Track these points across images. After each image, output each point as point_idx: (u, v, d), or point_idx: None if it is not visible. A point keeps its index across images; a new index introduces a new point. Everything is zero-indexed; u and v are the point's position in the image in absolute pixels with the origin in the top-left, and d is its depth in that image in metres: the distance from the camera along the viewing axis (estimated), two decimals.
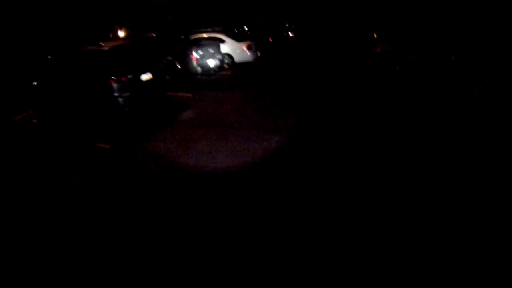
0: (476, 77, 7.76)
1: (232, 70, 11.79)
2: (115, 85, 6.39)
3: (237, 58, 12.07)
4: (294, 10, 36.45)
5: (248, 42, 12.15)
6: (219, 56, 11.00)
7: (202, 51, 9.65)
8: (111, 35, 19.51)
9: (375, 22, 28.96)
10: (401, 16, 24.17)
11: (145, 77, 7.07)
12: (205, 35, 12.37)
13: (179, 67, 8.96)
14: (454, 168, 4.22)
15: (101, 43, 7.66)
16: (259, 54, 13.08)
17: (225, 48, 11.92)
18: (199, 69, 9.64)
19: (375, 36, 34.38)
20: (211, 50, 10.27)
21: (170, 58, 8.91)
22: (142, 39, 8.79)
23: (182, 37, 12.02)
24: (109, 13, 17.73)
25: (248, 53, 12.00)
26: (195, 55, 9.18)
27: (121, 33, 20.45)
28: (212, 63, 10.07)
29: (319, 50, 20.65)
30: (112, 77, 6.36)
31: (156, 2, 19.30)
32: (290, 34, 27.75)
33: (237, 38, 12.42)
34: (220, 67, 11.22)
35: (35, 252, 3.24)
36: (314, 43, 24.51)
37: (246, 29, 22.43)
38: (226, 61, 11.99)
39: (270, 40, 19.87)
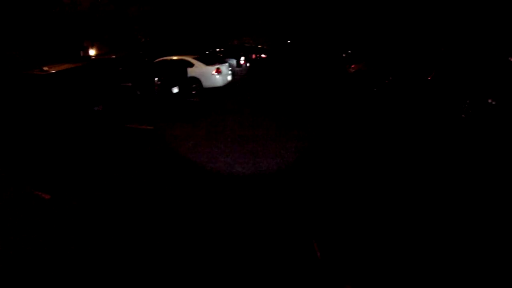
0: (461, 99, 7.35)
1: (200, 96, 10.88)
2: (55, 120, 5.35)
3: (205, 82, 11.24)
4: (268, 31, 36.61)
5: (218, 65, 11.40)
6: (185, 81, 10.14)
7: (165, 76, 8.75)
8: (82, 53, 18.21)
9: (349, 43, 29.46)
10: (376, 37, 24.64)
11: (96, 108, 6.08)
12: (174, 58, 11.52)
13: (139, 94, 8.00)
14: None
15: (44, 68, 6.62)
16: (229, 78, 12.38)
17: (193, 72, 11.10)
18: (163, 96, 8.70)
19: (344, 55, 35.07)
20: (176, 75, 9.39)
21: (129, 84, 7.96)
22: (95, 62, 7.80)
23: (146, 59, 11.10)
24: (79, 29, 16.40)
25: (218, 77, 11.23)
26: (157, 80, 8.23)
27: (92, 51, 19.19)
28: (175, 89, 9.16)
29: (293, 72, 20.41)
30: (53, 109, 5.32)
31: (131, 16, 18.20)
32: (262, 55, 27.62)
33: (207, 61, 11.66)
34: (186, 93, 10.34)
35: None
36: (287, 64, 24.33)
37: (218, 50, 21.87)
38: (194, 85, 11.16)
39: (244, 62, 19.44)
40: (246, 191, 4.17)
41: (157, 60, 11.58)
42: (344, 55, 36.90)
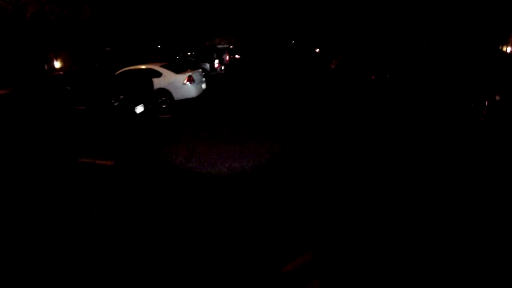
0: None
1: (171, 112, 9.36)
2: None
3: (176, 94, 9.84)
4: (239, 30, 35.26)
5: (190, 73, 10.03)
6: (151, 96, 8.72)
7: (126, 92, 7.31)
8: (46, 66, 16.24)
9: (322, 38, 28.67)
10: (354, 31, 23.91)
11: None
12: (139, 67, 10.05)
13: (96, 119, 6.56)
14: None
15: None
16: (204, 86, 11.04)
17: (161, 82, 9.69)
18: (125, 118, 7.25)
19: (317, 51, 34.31)
20: (139, 90, 7.96)
21: (81, 107, 6.52)
22: (32, 83, 6.28)
23: (103, 72, 9.57)
24: (40, 39, 14.50)
25: (190, 87, 9.86)
26: (114, 101, 6.77)
27: (57, 63, 17.22)
28: (140, 108, 7.73)
29: (270, 72, 19.28)
30: None
31: (85, 19, 16.33)
32: (236, 56, 26.33)
33: (177, 68, 10.26)
34: (153, 111, 8.92)
35: None
36: (263, 65, 23.23)
37: (190, 54, 20.33)
38: (163, 99, 9.76)
39: (218, 65, 18.06)
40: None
41: (119, 72, 10.08)
42: (317, 50, 36.23)
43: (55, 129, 5.82)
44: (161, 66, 10.08)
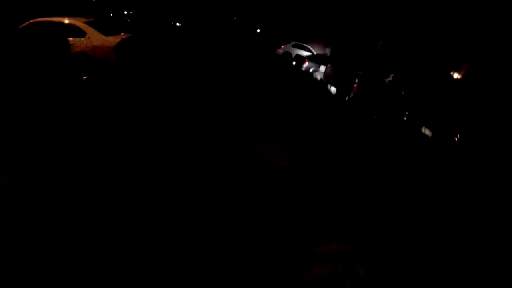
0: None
1: (98, 85, 7.06)
2: None
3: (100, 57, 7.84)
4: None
5: (121, 37, 8.17)
6: (65, 64, 6.79)
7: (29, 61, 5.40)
8: None
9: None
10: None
11: None
12: (54, 19, 7.84)
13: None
14: None
15: None
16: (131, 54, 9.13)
17: (82, 44, 7.70)
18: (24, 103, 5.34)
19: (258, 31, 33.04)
20: (49, 57, 6.04)
21: None
22: None
23: None
24: None
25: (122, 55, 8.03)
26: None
27: None
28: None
29: (211, 46, 17.71)
30: None
31: None
32: (177, 24, 23.78)
33: (106, 29, 8.28)
34: (68, 85, 6.85)
35: None
36: (206, 36, 21.30)
37: (127, 13, 17.65)
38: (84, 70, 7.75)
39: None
40: None
41: (24, 24, 7.76)
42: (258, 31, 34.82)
43: None
44: (86, 23, 8.04)
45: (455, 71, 10.17)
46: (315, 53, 17.91)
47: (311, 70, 13.96)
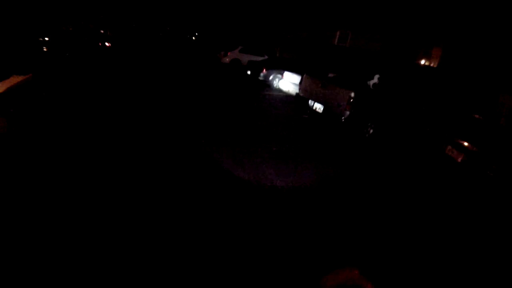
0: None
1: None
2: None
3: None
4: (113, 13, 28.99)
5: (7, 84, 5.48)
6: None
7: None
8: None
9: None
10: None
11: None
12: None
13: None
14: None
15: None
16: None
17: None
18: None
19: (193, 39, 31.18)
20: None
21: None
22: None
23: None
24: None
25: None
26: None
27: None
28: None
29: (153, 63, 15.45)
30: None
31: None
32: (106, 44, 20.69)
33: None
34: None
35: None
36: (144, 55, 18.90)
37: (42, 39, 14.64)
38: None
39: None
40: None
41: None
42: (194, 38, 32.36)
43: None
44: None
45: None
46: (266, 57, 16.33)
47: (270, 78, 12.34)
